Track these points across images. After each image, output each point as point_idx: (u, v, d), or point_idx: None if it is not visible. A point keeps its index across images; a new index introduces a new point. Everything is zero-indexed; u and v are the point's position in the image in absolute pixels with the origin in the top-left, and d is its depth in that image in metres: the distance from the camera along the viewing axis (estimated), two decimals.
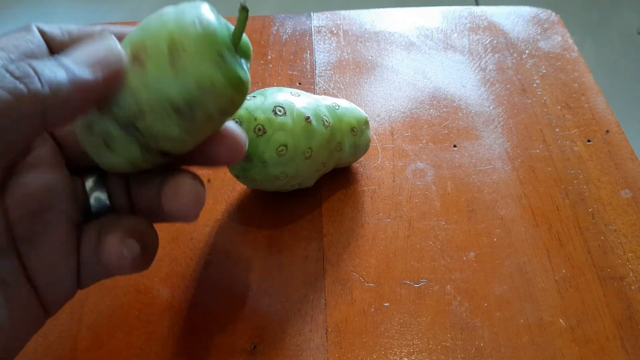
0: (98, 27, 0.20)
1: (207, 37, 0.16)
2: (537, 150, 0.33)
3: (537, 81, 0.37)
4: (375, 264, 0.28)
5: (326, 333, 0.26)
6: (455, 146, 0.34)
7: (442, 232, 0.29)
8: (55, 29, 0.19)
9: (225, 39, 0.17)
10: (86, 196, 0.20)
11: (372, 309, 0.26)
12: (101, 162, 0.19)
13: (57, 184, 0.19)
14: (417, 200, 0.31)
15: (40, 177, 0.19)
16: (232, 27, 0.18)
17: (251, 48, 0.19)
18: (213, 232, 0.30)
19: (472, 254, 0.28)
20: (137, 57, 0.17)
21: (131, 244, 0.18)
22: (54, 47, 0.18)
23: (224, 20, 0.18)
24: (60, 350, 0.25)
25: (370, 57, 0.40)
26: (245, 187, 0.31)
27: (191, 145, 0.18)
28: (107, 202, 0.20)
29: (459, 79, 0.38)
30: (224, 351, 0.25)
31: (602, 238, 0.29)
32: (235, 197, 0.31)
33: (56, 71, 0.16)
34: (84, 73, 0.16)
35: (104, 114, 0.17)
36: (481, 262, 0.28)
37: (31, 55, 0.17)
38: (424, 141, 0.34)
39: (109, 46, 0.17)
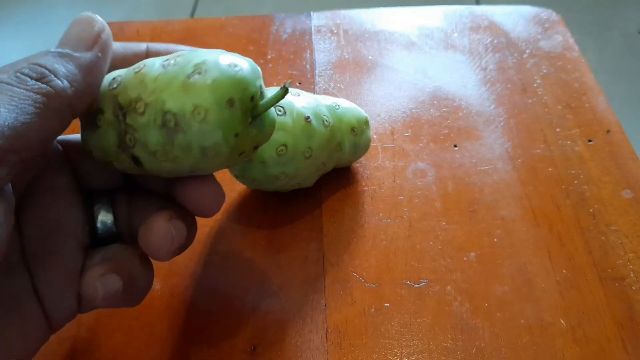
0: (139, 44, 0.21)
1: (230, 123, 0.17)
2: (538, 150, 0.33)
3: (538, 81, 0.37)
4: (376, 264, 0.28)
5: (326, 334, 0.25)
6: (455, 146, 0.34)
7: (443, 232, 0.29)
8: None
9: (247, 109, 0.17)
10: (95, 220, 0.20)
11: (373, 310, 0.26)
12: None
13: (70, 207, 0.20)
14: (417, 201, 0.31)
15: (55, 199, 0.19)
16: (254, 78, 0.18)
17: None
18: (212, 232, 0.29)
19: (472, 254, 0.28)
20: (166, 122, 0.17)
21: (110, 279, 0.18)
22: None
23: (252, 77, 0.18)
24: (59, 351, 0.25)
25: (370, 57, 0.40)
26: (244, 186, 0.31)
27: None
28: (113, 226, 0.21)
29: (460, 79, 0.38)
30: (224, 352, 0.25)
31: (603, 238, 0.29)
32: (234, 197, 0.31)
33: (65, 64, 0.16)
34: (85, 55, 0.17)
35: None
36: (482, 263, 0.28)
37: None
38: (425, 141, 0.34)
39: (90, 21, 0.18)
